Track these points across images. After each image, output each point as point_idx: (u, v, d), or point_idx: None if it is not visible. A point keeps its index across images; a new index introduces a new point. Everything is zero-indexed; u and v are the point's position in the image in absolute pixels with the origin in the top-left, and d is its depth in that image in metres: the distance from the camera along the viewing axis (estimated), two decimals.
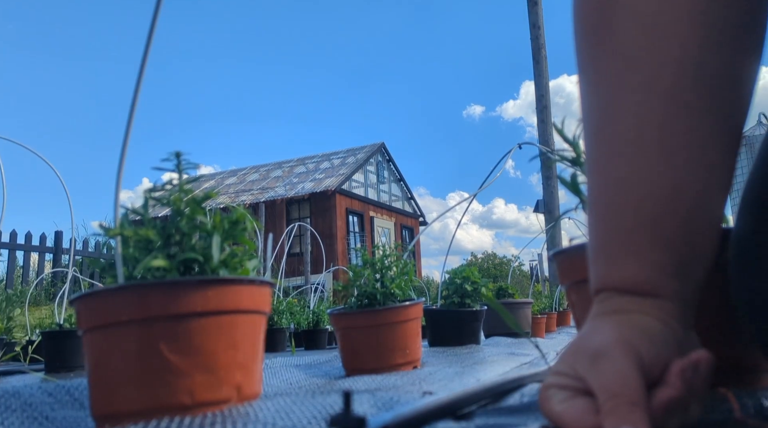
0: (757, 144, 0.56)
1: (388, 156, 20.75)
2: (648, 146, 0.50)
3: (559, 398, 0.45)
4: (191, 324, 0.62)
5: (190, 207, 0.70)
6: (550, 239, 7.24)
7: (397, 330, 1.42)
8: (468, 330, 2.10)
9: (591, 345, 0.46)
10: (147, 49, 0.70)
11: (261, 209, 8.62)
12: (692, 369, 0.42)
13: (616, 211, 0.51)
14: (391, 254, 1.55)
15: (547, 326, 3.63)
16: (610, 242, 0.51)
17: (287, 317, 3.33)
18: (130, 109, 0.70)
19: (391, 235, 19.50)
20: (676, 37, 0.50)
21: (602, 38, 0.54)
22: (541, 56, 8.61)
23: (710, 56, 0.50)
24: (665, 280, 0.49)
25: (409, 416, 0.53)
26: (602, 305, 0.51)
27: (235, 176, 21.33)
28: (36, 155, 2.47)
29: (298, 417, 0.56)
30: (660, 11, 0.50)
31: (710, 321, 0.60)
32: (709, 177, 0.50)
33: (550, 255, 0.99)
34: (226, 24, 51.85)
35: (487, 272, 27.51)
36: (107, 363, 0.62)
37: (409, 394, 0.73)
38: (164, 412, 0.59)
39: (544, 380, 0.50)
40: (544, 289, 7.45)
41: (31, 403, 0.79)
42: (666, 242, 0.49)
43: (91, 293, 0.64)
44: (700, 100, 0.49)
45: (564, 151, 0.81)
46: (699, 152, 0.49)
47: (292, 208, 17.50)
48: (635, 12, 0.51)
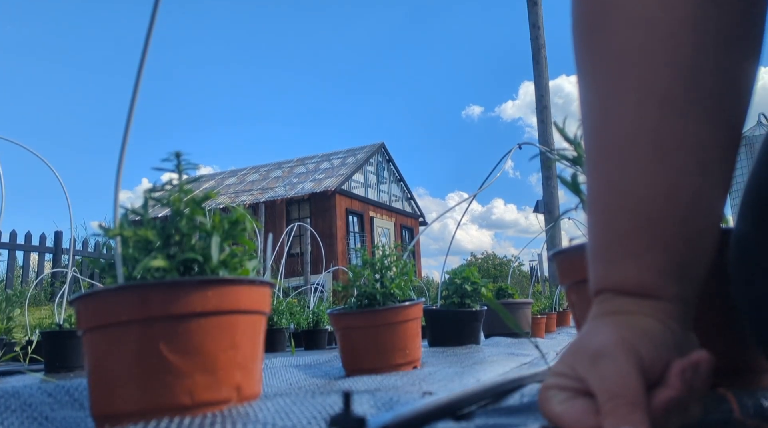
0: (757, 144, 0.56)
1: (388, 156, 20.74)
2: (642, 149, 0.50)
3: (559, 399, 0.45)
4: (191, 324, 0.62)
5: (190, 207, 0.70)
6: (550, 239, 7.24)
7: (396, 330, 1.42)
8: (468, 330, 2.10)
9: (591, 346, 0.46)
10: (145, 49, 0.70)
11: (261, 209, 8.62)
12: (692, 369, 0.42)
13: (614, 213, 0.51)
14: (390, 255, 1.55)
15: (546, 326, 3.63)
16: (609, 243, 0.51)
17: (287, 317, 3.33)
18: (129, 109, 0.70)
19: (390, 235, 19.50)
20: (670, 40, 0.50)
21: (598, 41, 0.54)
22: (541, 56, 8.61)
23: (705, 59, 0.49)
24: (664, 281, 0.49)
25: (409, 416, 0.53)
26: (602, 306, 0.51)
27: (234, 176, 21.33)
28: (35, 155, 2.47)
29: (298, 418, 0.56)
30: (654, 15, 0.50)
31: (710, 321, 0.60)
32: (706, 178, 0.50)
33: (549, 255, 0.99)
34: (226, 24, 51.87)
35: (487, 272, 27.51)
36: (107, 364, 0.62)
37: (409, 394, 0.73)
38: (164, 412, 0.59)
39: (543, 380, 0.50)
40: (544, 289, 7.46)
41: (30, 403, 0.79)
42: (664, 244, 0.49)
43: (90, 294, 0.64)
44: (695, 102, 0.49)
45: (564, 151, 0.81)
46: (694, 154, 0.49)
47: (292, 208, 17.50)
48: (630, 15, 0.51)
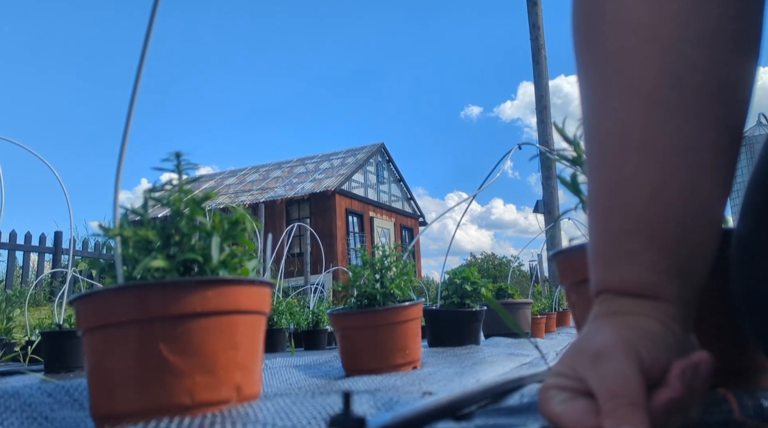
0: (758, 145, 0.56)
1: (387, 156, 20.74)
2: (632, 149, 0.50)
3: (559, 399, 0.45)
4: (191, 325, 0.62)
5: (190, 208, 0.70)
6: (550, 239, 7.25)
7: (396, 331, 1.41)
8: (468, 331, 2.10)
9: (592, 346, 0.46)
10: (144, 49, 0.70)
11: (261, 209, 8.61)
12: (692, 370, 0.42)
13: (610, 213, 0.51)
14: (390, 255, 1.55)
15: (546, 326, 3.63)
16: (608, 244, 0.51)
17: (287, 317, 3.33)
18: (129, 109, 0.70)
19: (390, 235, 19.50)
20: (657, 40, 0.50)
21: (592, 43, 0.54)
22: (541, 57, 8.61)
23: (694, 57, 0.49)
24: (664, 282, 0.49)
25: (409, 416, 0.53)
26: (602, 307, 0.51)
27: (234, 176, 21.33)
28: (35, 155, 2.47)
29: (297, 418, 0.56)
30: (641, 16, 0.50)
31: (710, 321, 0.60)
32: (701, 178, 0.49)
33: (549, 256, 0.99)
34: (226, 25, 51.87)
35: (487, 272, 27.51)
36: (107, 364, 0.62)
37: (408, 394, 0.73)
38: (164, 413, 0.59)
39: (543, 380, 0.50)
40: (544, 289, 7.45)
41: (30, 404, 0.79)
42: (661, 244, 0.49)
43: (90, 294, 0.64)
44: (686, 101, 0.49)
45: (564, 151, 0.81)
46: (686, 153, 0.49)
47: (292, 208, 17.50)
48: (618, 17, 0.51)
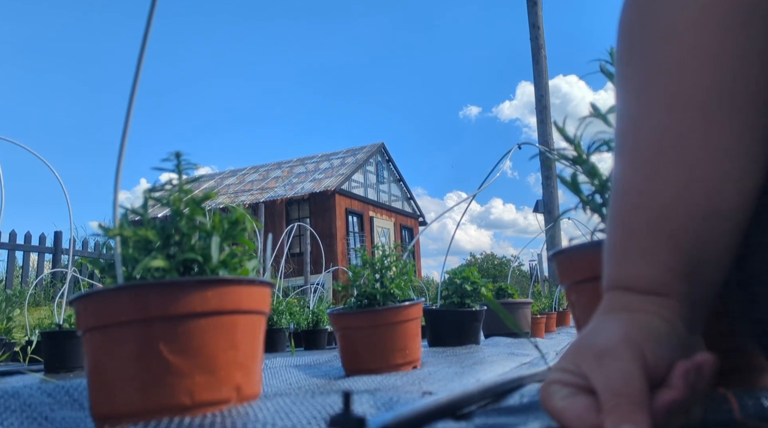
0: None
1: (387, 156, 20.74)
2: (664, 148, 0.50)
3: (561, 395, 0.45)
4: (191, 325, 0.62)
5: (190, 207, 0.70)
6: (550, 239, 7.25)
7: (396, 330, 1.41)
8: (468, 330, 2.10)
9: (596, 343, 0.46)
10: (143, 49, 0.70)
11: (261, 209, 8.61)
12: (695, 371, 0.42)
13: (630, 210, 0.51)
14: (390, 255, 1.55)
15: (546, 326, 3.64)
16: (626, 240, 0.52)
17: (287, 317, 3.33)
18: (128, 109, 0.70)
19: (390, 235, 19.49)
20: (699, 50, 0.50)
21: (637, 52, 0.55)
22: (541, 56, 8.61)
23: (739, 69, 0.49)
24: (674, 280, 0.49)
25: (409, 416, 0.53)
26: (610, 302, 0.51)
27: (234, 176, 21.32)
28: (35, 155, 2.47)
29: (297, 418, 0.56)
30: (686, 30, 0.51)
31: (710, 321, 0.60)
32: (728, 183, 0.49)
33: (549, 255, 0.99)
34: (226, 24, 51.85)
35: (487, 272, 27.52)
36: (107, 364, 0.62)
37: (408, 394, 0.73)
38: (164, 413, 0.59)
39: (543, 380, 0.50)
40: (544, 289, 7.45)
41: (30, 404, 0.79)
42: (677, 243, 0.49)
43: (90, 294, 0.64)
44: (723, 108, 0.49)
45: (564, 150, 0.81)
46: (715, 159, 0.49)
47: (292, 208, 17.49)
48: (664, 30, 0.52)
